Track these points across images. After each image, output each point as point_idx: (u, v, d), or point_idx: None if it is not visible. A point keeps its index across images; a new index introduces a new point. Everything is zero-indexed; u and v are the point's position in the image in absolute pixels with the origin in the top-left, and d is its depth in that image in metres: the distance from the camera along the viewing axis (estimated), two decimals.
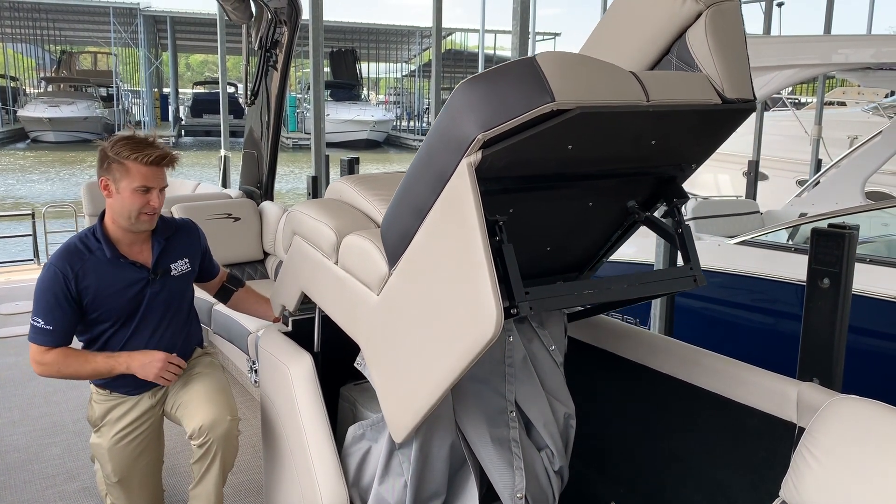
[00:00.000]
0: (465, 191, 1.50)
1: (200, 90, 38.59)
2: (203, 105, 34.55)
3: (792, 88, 15.87)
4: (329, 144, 6.16)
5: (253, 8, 5.26)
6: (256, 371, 3.76)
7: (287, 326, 2.47)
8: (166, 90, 41.09)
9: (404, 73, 44.89)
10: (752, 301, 4.83)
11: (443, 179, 1.56)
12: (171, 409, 2.59)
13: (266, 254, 5.18)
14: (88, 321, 2.44)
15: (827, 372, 2.75)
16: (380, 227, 1.90)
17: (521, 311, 1.62)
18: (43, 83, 35.11)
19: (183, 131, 34.57)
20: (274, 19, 4.96)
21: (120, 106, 32.89)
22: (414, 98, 39.48)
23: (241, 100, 5.87)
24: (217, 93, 16.00)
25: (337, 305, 2.07)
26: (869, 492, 1.52)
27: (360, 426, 2.12)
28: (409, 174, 1.70)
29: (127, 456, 2.57)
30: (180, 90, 44.82)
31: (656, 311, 4.18)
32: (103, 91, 33.10)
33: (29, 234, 8.23)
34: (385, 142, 32.78)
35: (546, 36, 34.15)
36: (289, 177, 21.65)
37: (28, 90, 38.04)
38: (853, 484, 1.55)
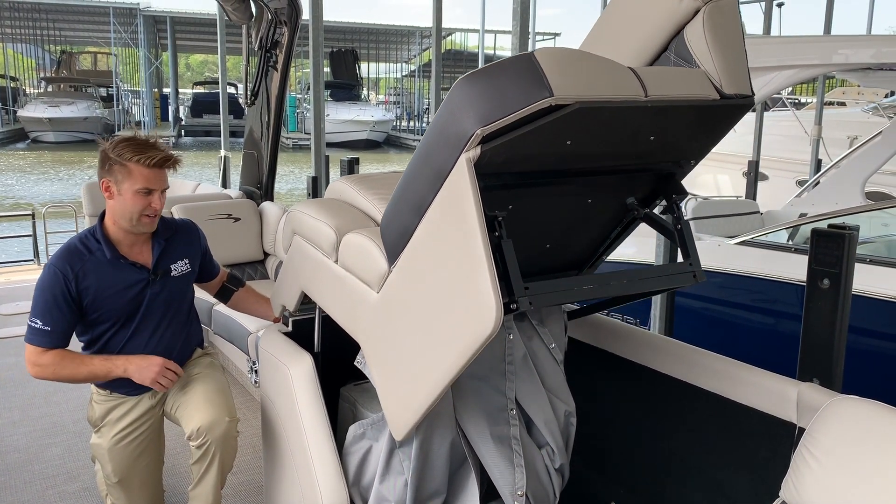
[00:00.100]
0: (465, 186, 1.51)
1: (200, 90, 38.60)
2: (203, 105, 34.56)
3: (792, 88, 15.86)
4: (329, 144, 6.16)
5: (253, 8, 5.26)
6: (256, 371, 3.76)
7: (287, 327, 2.48)
8: (166, 90, 41.09)
9: (404, 74, 44.90)
10: (752, 301, 4.83)
11: (442, 175, 1.56)
12: (171, 410, 2.59)
13: (266, 254, 5.18)
14: (88, 322, 2.44)
15: (827, 372, 2.75)
16: (379, 226, 1.90)
17: (521, 306, 1.62)
18: (43, 83, 35.10)
19: (183, 131, 34.57)
20: (274, 20, 4.96)
21: (120, 106, 32.87)
22: (414, 98, 39.48)
23: (241, 100, 5.87)
24: (217, 93, 16.01)
25: (337, 304, 2.07)
26: (869, 492, 1.52)
27: (361, 425, 2.12)
28: (409, 171, 1.70)
29: (127, 456, 2.57)
30: (180, 90, 44.83)
31: (656, 311, 4.18)
32: (103, 91, 33.09)
33: (29, 235, 8.23)
34: (385, 142, 32.77)
35: (546, 36, 34.14)
36: (289, 177, 21.65)
37: (28, 90, 38.03)
38: (853, 484, 1.56)
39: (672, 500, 2.23)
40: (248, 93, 5.42)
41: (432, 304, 1.64)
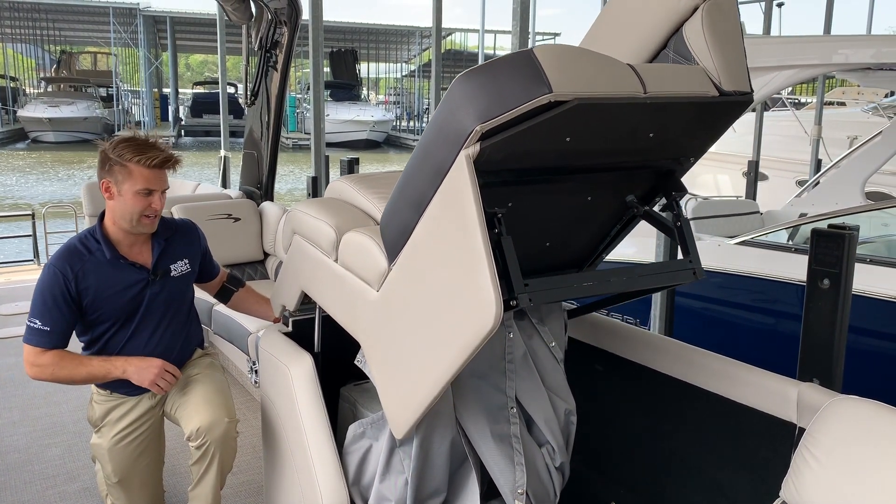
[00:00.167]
0: (464, 183, 1.50)
1: (200, 90, 38.58)
2: (203, 105, 34.55)
3: (792, 88, 15.87)
4: (329, 144, 6.16)
5: (253, 8, 5.26)
6: (257, 371, 3.76)
7: (287, 327, 2.47)
8: (166, 90, 41.09)
9: (404, 74, 44.90)
10: (752, 301, 4.83)
11: (441, 172, 1.56)
12: (171, 410, 2.59)
13: (266, 254, 5.18)
14: (88, 322, 2.44)
15: (827, 372, 2.75)
16: (379, 224, 1.90)
17: (521, 303, 1.62)
18: (43, 83, 35.09)
19: (183, 131, 34.56)
20: (274, 20, 4.96)
21: (120, 106, 32.86)
22: (414, 98, 39.48)
23: (241, 100, 5.87)
24: (217, 93, 16.00)
25: (337, 303, 2.07)
26: (869, 492, 1.52)
27: (361, 424, 2.12)
28: (408, 168, 1.70)
29: (127, 456, 2.57)
30: (180, 90, 44.82)
31: (656, 311, 4.18)
32: (103, 91, 33.07)
33: (29, 235, 8.23)
34: (385, 142, 32.76)
35: (546, 36, 34.15)
36: (289, 177, 21.65)
37: (28, 90, 38.02)
38: (853, 484, 1.55)
39: (672, 500, 2.23)
40: (248, 93, 5.42)
41: (432, 302, 1.64)
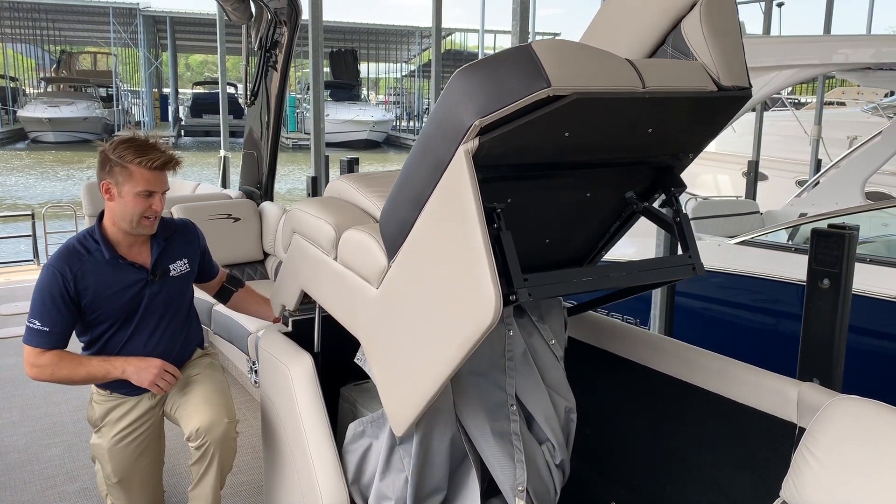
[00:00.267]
0: (463, 178, 1.50)
1: (200, 90, 38.58)
2: (203, 105, 34.53)
3: (792, 88, 15.88)
4: (329, 144, 6.16)
5: (253, 8, 5.26)
6: (256, 371, 3.76)
7: (287, 327, 2.47)
8: (166, 90, 41.07)
9: (404, 74, 44.89)
10: (752, 301, 4.83)
11: (440, 168, 1.56)
12: (171, 411, 2.59)
13: (266, 254, 5.18)
14: (88, 322, 2.44)
15: (827, 372, 2.75)
16: (378, 222, 1.90)
17: (520, 298, 1.62)
18: (42, 83, 35.08)
19: (183, 131, 34.55)
20: (274, 20, 4.96)
21: (120, 106, 32.85)
22: (414, 98, 39.48)
23: (241, 100, 5.87)
24: (217, 93, 16.00)
25: (337, 301, 2.07)
26: (869, 491, 1.52)
27: (361, 423, 2.12)
28: (407, 165, 1.70)
29: (127, 456, 2.57)
30: (180, 90, 44.81)
31: (656, 311, 4.18)
32: (103, 91, 33.07)
33: (28, 235, 8.23)
34: (385, 142, 32.77)
35: (546, 36, 34.19)
36: (288, 177, 21.64)
37: (28, 90, 38.01)
38: (853, 484, 1.55)
39: (672, 500, 2.22)
40: (248, 93, 5.42)
41: (432, 297, 1.64)
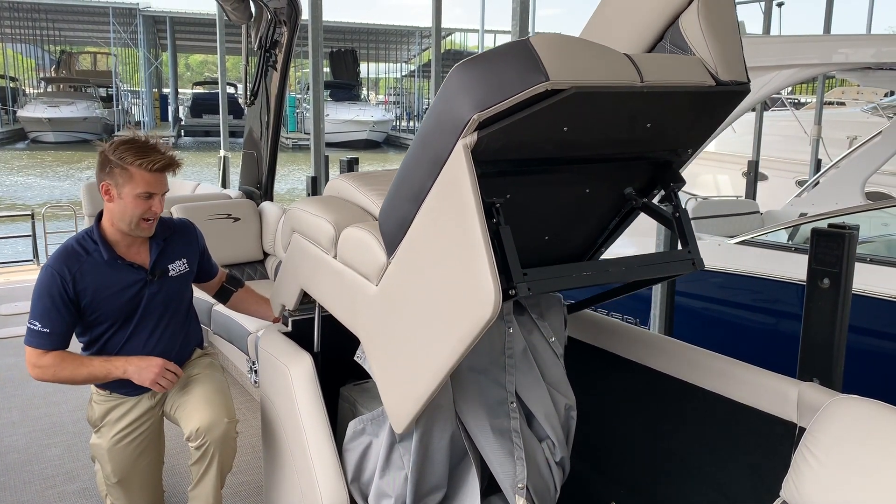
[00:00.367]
0: (462, 172, 1.50)
1: (200, 90, 38.56)
2: (202, 105, 34.52)
3: (791, 88, 15.89)
4: (329, 144, 6.16)
5: (252, 8, 5.25)
6: (256, 371, 3.76)
7: (287, 327, 2.47)
8: (166, 90, 41.09)
9: (404, 74, 44.89)
10: (753, 301, 4.83)
11: (439, 163, 1.56)
12: (171, 411, 2.59)
13: (266, 254, 5.18)
14: (87, 322, 2.43)
15: (827, 372, 2.75)
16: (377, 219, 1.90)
17: (520, 292, 1.62)
18: (42, 83, 35.08)
19: (182, 131, 34.54)
20: (273, 19, 4.96)
21: (119, 106, 32.84)
22: (413, 98, 39.47)
23: (241, 100, 5.87)
24: (217, 93, 16.00)
25: (336, 300, 2.07)
26: (869, 491, 1.52)
27: (361, 421, 2.12)
28: (406, 161, 1.70)
29: (127, 456, 2.57)
30: (180, 90, 44.81)
31: (656, 311, 4.18)
32: (103, 91, 33.06)
33: (28, 235, 8.23)
34: (385, 142, 32.76)
35: None
36: (288, 177, 21.64)
37: (28, 90, 38.01)
38: (854, 483, 1.55)
39: (672, 500, 2.22)
40: (248, 93, 5.42)
41: (431, 293, 1.63)
